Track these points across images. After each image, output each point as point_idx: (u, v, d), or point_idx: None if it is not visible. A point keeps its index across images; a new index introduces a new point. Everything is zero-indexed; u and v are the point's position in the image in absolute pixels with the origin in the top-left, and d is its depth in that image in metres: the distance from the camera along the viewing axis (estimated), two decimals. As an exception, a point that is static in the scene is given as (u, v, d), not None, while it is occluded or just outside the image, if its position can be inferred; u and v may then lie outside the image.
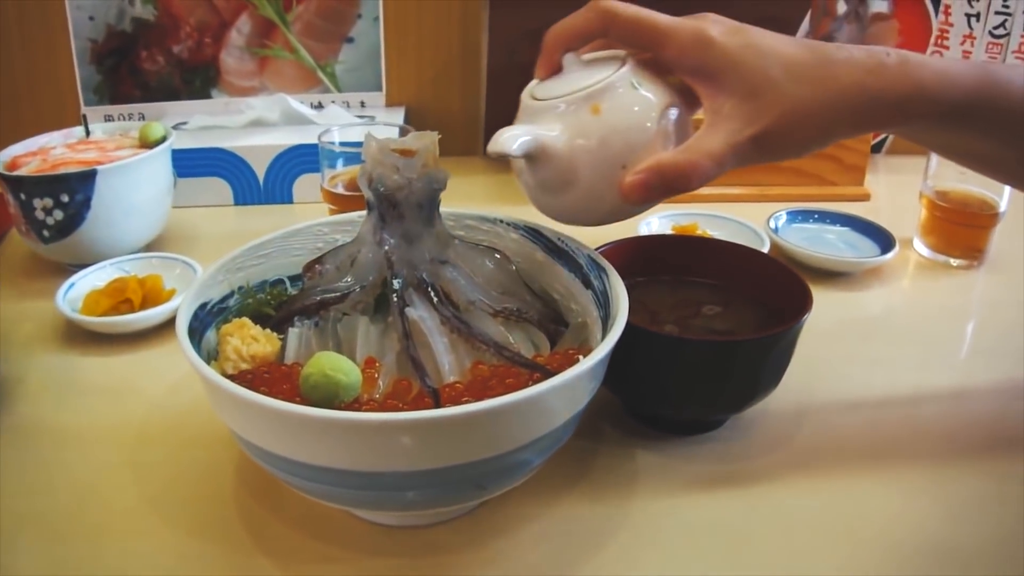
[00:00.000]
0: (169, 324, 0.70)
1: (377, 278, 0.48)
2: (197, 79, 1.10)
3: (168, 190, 0.85)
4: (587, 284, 0.51)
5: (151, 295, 0.71)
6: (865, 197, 1.04)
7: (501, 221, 0.55)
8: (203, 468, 0.53)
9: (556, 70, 0.49)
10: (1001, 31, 1.17)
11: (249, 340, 0.45)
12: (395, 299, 0.45)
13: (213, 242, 0.90)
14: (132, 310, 0.69)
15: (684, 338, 0.50)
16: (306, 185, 0.99)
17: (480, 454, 0.37)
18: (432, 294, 0.46)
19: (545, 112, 0.47)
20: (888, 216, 0.89)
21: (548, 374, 0.40)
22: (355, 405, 0.41)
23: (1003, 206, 0.85)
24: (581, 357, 0.43)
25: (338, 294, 0.48)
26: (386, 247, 0.47)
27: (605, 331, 0.45)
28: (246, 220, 0.98)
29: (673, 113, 0.47)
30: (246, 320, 0.47)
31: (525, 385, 0.40)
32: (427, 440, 0.36)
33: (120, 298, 0.70)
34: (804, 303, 0.54)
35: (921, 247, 0.89)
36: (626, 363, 0.48)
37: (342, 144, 0.84)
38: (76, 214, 0.75)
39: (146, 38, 1.07)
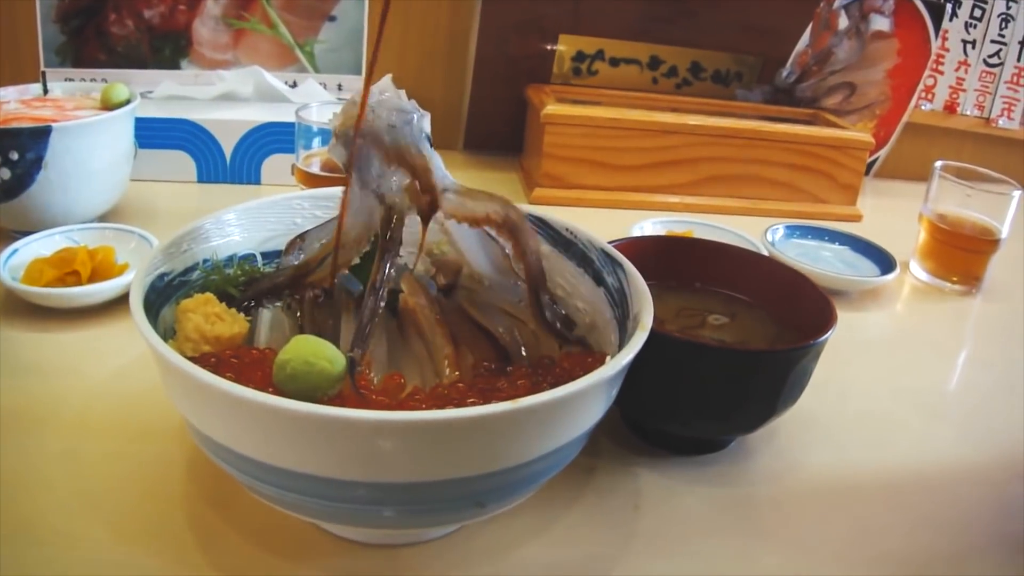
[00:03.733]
0: (119, 301, 0.64)
1: (362, 231, 0.42)
2: (167, 48, 1.03)
3: (128, 158, 0.78)
4: (599, 281, 0.46)
5: (101, 268, 0.65)
6: (857, 218, 1.02)
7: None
8: (150, 464, 0.47)
9: None
10: (995, 60, 1.16)
11: (213, 319, 0.39)
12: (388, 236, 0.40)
13: (172, 219, 0.83)
14: (79, 283, 0.63)
15: (705, 344, 0.46)
16: (276, 166, 0.93)
17: (488, 466, 0.32)
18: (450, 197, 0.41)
19: None
20: (879, 239, 0.87)
21: (583, 345, 0.35)
22: (336, 401, 0.35)
23: (1004, 232, 0.83)
24: (609, 358, 0.38)
25: (312, 267, 0.42)
26: (372, 186, 0.41)
27: (622, 332, 0.40)
28: (210, 198, 0.91)
29: None
30: (210, 296, 0.41)
31: (539, 387, 0.35)
32: (434, 446, 0.30)
33: (67, 269, 0.63)
34: (825, 317, 0.50)
35: (919, 271, 0.87)
36: (633, 370, 0.43)
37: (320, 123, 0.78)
38: (25, 174, 0.68)
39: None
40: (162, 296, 0.41)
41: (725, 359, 0.45)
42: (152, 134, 0.89)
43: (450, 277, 0.43)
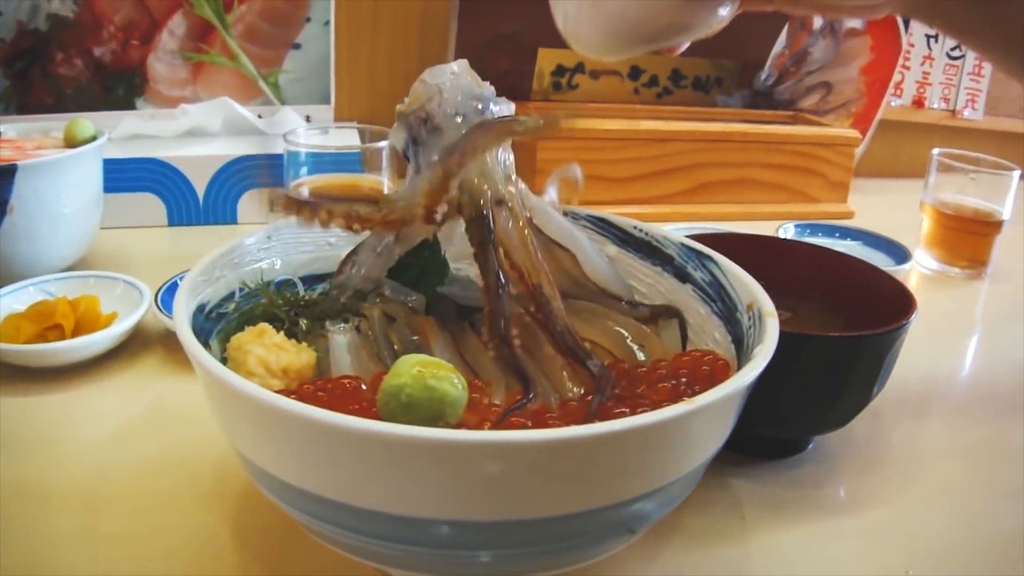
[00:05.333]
0: (109, 355, 0.57)
1: (407, 212, 0.36)
2: (120, 87, 0.97)
3: (98, 201, 0.72)
4: (683, 277, 0.42)
5: (86, 320, 0.58)
6: (849, 215, 1.01)
7: (565, 214, 0.45)
8: (184, 538, 0.40)
9: None
10: (957, 52, 1.18)
11: (275, 350, 0.34)
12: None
13: (148, 266, 0.76)
14: (63, 337, 0.56)
15: (805, 334, 0.42)
16: (253, 203, 0.87)
17: (655, 481, 0.27)
18: (514, 209, 0.35)
19: None
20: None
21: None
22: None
23: (1007, 214, 0.83)
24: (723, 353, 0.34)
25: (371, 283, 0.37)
26: (424, 172, 0.36)
27: (731, 325, 0.36)
28: (184, 243, 0.84)
29: None
30: (265, 326, 0.35)
31: (678, 389, 0.31)
32: (610, 463, 0.26)
33: (47, 323, 0.56)
34: (897, 298, 0.48)
35: (926, 259, 0.86)
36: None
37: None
38: (-12, 222, 0.60)
39: (63, 38, 0.92)
40: (203, 331, 0.36)
41: (831, 348, 0.42)
42: (116, 176, 0.81)
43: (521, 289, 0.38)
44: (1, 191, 0.60)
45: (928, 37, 1.16)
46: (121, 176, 0.82)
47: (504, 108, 0.37)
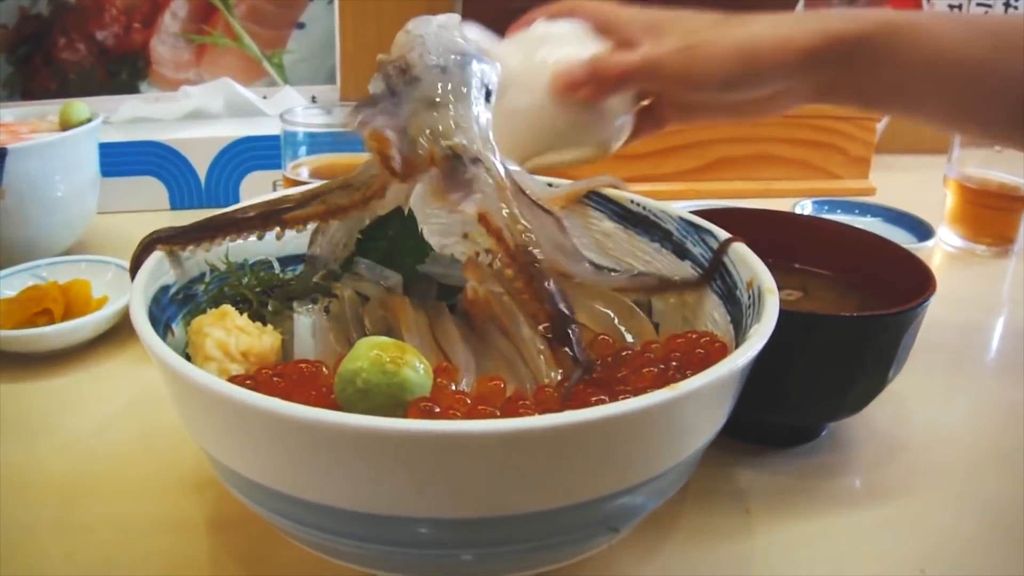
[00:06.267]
0: (99, 340, 0.56)
1: (372, 174, 0.34)
2: (124, 71, 0.95)
3: (93, 184, 0.70)
4: (682, 254, 0.39)
5: (76, 304, 0.57)
6: (871, 192, 0.98)
7: (551, 185, 0.43)
8: (162, 530, 0.38)
9: None
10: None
11: (236, 333, 0.32)
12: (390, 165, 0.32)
13: (148, 251, 0.74)
14: (52, 322, 0.54)
15: (815, 314, 0.39)
16: (256, 184, 0.85)
17: (639, 475, 0.25)
18: (490, 168, 0.33)
19: None
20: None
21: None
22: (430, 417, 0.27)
23: (1032, 189, 0.79)
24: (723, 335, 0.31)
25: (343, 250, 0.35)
26: (400, 125, 0.34)
27: (730, 304, 0.34)
28: (186, 226, 0.82)
29: None
30: (228, 308, 0.34)
31: (665, 375, 0.28)
32: (587, 455, 0.23)
33: (37, 308, 0.55)
34: (915, 276, 0.45)
35: (950, 236, 0.82)
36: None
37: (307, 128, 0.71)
38: (-21, 206, 0.59)
39: (65, 23, 0.91)
40: (166, 313, 0.34)
41: (843, 329, 0.39)
42: (117, 160, 0.80)
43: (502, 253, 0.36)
44: (-9, 175, 0.59)
45: (952, 8, 1.11)
46: (122, 160, 0.81)
47: (488, 66, 0.35)
